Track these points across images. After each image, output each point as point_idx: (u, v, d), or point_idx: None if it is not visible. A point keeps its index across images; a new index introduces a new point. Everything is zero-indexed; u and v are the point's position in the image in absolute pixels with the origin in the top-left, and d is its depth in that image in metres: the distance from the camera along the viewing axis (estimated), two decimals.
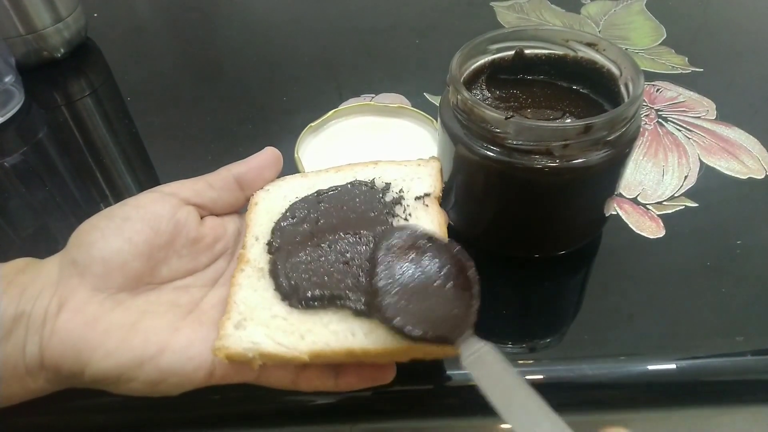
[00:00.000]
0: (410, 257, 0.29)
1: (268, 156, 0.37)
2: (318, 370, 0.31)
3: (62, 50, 0.63)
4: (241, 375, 0.30)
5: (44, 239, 0.47)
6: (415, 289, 0.28)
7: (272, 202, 0.36)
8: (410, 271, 0.28)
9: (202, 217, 0.35)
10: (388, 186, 0.36)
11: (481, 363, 0.25)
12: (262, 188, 0.37)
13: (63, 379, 0.29)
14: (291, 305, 0.31)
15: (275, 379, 0.31)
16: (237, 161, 0.36)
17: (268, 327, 0.30)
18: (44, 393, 0.30)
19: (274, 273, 0.32)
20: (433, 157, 0.38)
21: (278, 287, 0.31)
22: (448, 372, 0.34)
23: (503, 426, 0.35)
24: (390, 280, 0.28)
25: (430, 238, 0.30)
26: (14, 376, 0.28)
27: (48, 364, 0.28)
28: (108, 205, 0.50)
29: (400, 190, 0.36)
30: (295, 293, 0.31)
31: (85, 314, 0.29)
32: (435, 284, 0.28)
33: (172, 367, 0.29)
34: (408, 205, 0.35)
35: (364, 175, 0.37)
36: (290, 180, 0.37)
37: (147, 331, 0.29)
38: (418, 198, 0.35)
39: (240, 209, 0.37)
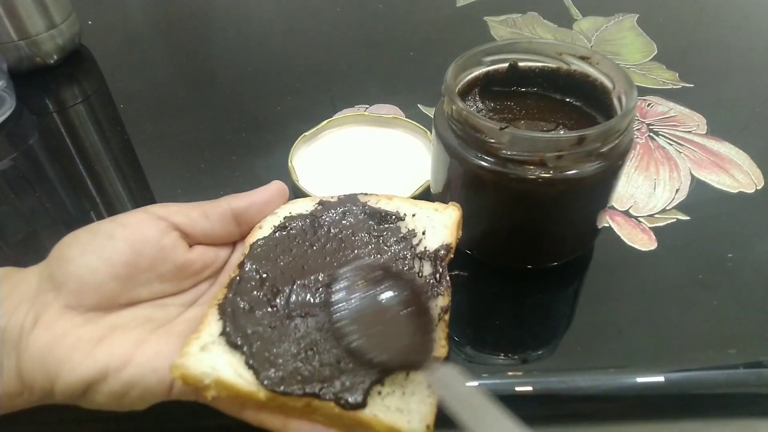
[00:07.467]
0: (367, 292, 0.29)
1: (274, 191, 0.34)
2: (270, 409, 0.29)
3: (55, 57, 0.63)
4: (196, 393, 0.29)
5: (33, 246, 0.46)
6: (374, 322, 0.28)
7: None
8: (369, 307, 0.28)
9: (191, 245, 0.33)
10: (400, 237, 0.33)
11: (447, 385, 0.25)
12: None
13: (36, 399, 0.28)
14: None
15: (225, 404, 0.29)
16: (239, 193, 0.34)
17: (233, 356, 0.28)
18: (16, 410, 0.29)
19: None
20: (453, 204, 0.34)
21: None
22: None
23: None
24: (349, 321, 0.28)
25: (384, 270, 0.30)
26: None
27: (25, 383, 0.27)
28: (98, 212, 0.50)
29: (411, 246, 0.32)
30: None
31: (54, 330, 0.28)
32: (392, 314, 0.28)
33: (134, 380, 0.28)
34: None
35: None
36: (301, 204, 0.35)
37: (112, 345, 0.28)
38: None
39: (233, 242, 0.35)
